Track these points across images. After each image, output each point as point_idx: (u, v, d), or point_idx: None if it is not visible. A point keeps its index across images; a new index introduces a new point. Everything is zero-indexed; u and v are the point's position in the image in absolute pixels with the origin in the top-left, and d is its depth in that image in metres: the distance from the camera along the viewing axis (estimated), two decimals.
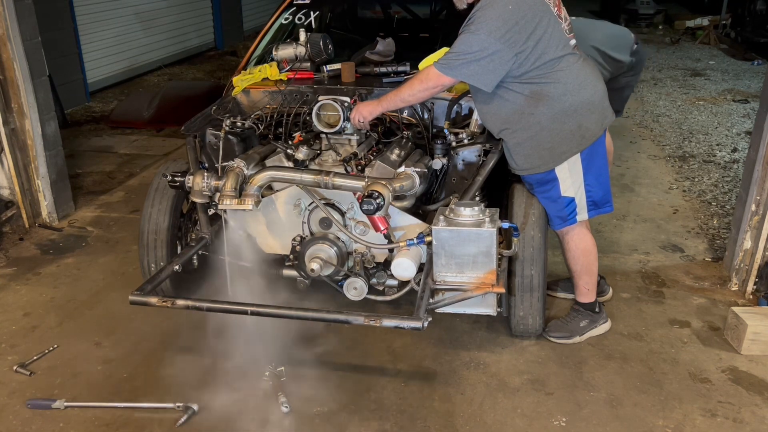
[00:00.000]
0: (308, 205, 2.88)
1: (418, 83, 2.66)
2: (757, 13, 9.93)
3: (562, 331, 2.96)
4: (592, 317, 2.98)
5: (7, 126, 3.91)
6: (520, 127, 2.67)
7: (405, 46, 3.78)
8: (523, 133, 2.68)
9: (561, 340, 2.94)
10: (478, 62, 2.53)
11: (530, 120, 2.65)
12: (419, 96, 2.69)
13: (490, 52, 2.51)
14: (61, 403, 2.57)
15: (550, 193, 2.76)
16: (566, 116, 2.63)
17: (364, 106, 2.82)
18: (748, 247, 3.34)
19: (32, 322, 3.17)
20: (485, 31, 2.50)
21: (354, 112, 2.83)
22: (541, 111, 2.63)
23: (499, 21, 2.50)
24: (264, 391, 2.66)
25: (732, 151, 5.52)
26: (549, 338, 2.94)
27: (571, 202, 2.76)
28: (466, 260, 2.45)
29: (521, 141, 2.70)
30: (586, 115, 2.66)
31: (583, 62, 2.73)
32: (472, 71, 2.55)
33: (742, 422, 2.49)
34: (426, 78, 2.63)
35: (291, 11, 4.16)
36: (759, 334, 2.84)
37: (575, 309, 3.02)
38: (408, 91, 2.69)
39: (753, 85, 7.78)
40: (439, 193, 3.09)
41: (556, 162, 2.70)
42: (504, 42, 2.50)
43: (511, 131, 2.70)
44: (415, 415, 2.54)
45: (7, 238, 3.97)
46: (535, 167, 2.73)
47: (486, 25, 2.51)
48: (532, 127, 2.65)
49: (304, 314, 2.72)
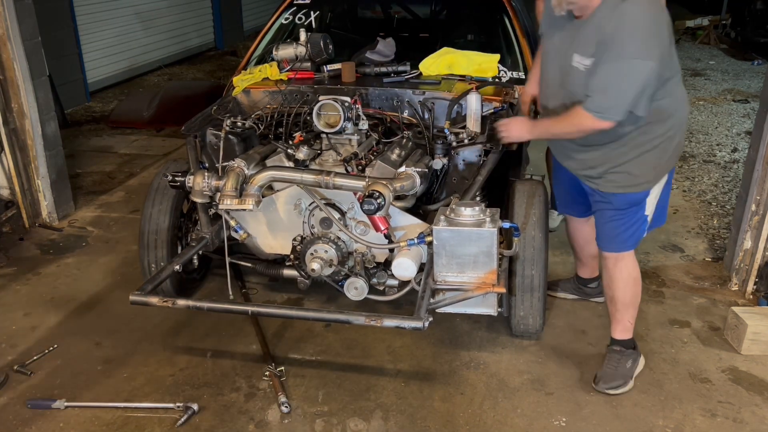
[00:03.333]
0: (309, 205, 2.88)
1: (572, 127, 2.42)
2: (757, 13, 9.92)
3: (616, 379, 2.64)
4: (634, 355, 2.73)
5: (7, 126, 3.91)
6: (634, 144, 2.44)
7: (405, 46, 3.78)
8: (634, 151, 2.45)
9: (620, 390, 2.63)
10: (636, 94, 2.26)
11: (644, 137, 2.43)
12: (571, 137, 2.51)
13: (647, 77, 2.23)
14: (61, 403, 2.57)
15: (637, 214, 2.57)
16: (675, 132, 2.47)
17: (515, 126, 2.68)
18: (748, 247, 3.34)
19: (32, 322, 3.17)
20: (641, 54, 2.20)
21: (504, 126, 2.71)
22: (655, 127, 2.42)
23: (649, 36, 2.21)
24: (264, 391, 2.66)
25: (732, 151, 5.52)
26: (606, 392, 2.62)
27: (645, 221, 2.61)
28: (467, 260, 2.45)
29: (630, 159, 2.46)
30: (683, 131, 2.56)
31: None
32: (632, 105, 2.29)
33: (742, 422, 2.50)
34: (580, 124, 2.37)
35: (291, 11, 4.16)
36: (759, 334, 2.84)
37: (617, 351, 2.71)
38: (561, 130, 2.50)
39: (753, 85, 7.78)
40: (440, 193, 3.09)
41: (657, 179, 2.53)
42: (658, 59, 2.23)
43: (619, 148, 2.46)
44: (415, 415, 2.54)
45: (7, 238, 3.96)
46: (636, 185, 2.51)
47: (636, 45, 2.19)
48: (645, 144, 2.44)
49: (305, 314, 2.72)
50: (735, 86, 7.74)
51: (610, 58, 2.23)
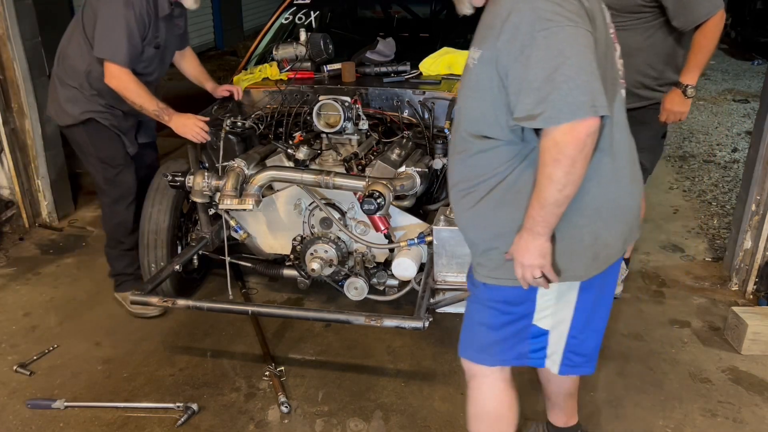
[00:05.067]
0: (309, 205, 2.88)
1: (559, 169, 1.48)
2: (758, 13, 9.92)
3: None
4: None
5: (7, 126, 3.91)
6: (515, 206, 1.64)
7: (405, 46, 3.78)
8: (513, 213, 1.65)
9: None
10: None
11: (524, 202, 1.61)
12: (571, 180, 1.50)
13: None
14: (61, 403, 2.56)
15: (512, 312, 1.77)
16: (582, 216, 1.63)
17: (526, 255, 1.61)
18: (749, 247, 3.34)
19: (32, 322, 3.16)
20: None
21: (521, 265, 1.63)
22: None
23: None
24: (264, 391, 2.66)
25: (732, 151, 5.52)
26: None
27: (543, 336, 1.80)
28: (467, 260, 2.45)
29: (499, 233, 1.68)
30: (609, 223, 1.67)
31: (624, 129, 1.71)
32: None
33: (743, 422, 2.49)
34: (559, 152, 1.46)
35: (291, 11, 4.16)
36: (759, 334, 2.84)
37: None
38: (553, 189, 1.51)
39: (753, 84, 7.78)
40: (440, 193, 3.09)
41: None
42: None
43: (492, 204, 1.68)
44: (415, 415, 2.53)
45: (7, 238, 3.97)
46: (506, 278, 1.70)
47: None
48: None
49: (305, 314, 2.72)
50: (735, 86, 7.74)
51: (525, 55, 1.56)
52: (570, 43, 1.44)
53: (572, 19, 1.46)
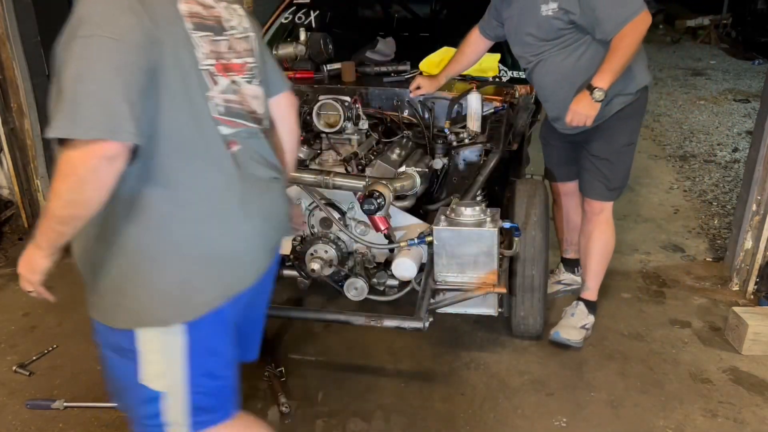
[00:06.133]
0: (309, 205, 2.88)
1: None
2: (758, 13, 9.93)
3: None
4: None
5: (7, 126, 3.90)
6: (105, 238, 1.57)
7: (405, 46, 3.77)
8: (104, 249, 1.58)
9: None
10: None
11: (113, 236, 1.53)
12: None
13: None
14: (60, 403, 2.56)
15: (124, 368, 1.57)
16: (125, 257, 1.51)
17: (21, 264, 1.73)
18: (749, 247, 3.33)
19: (32, 322, 3.16)
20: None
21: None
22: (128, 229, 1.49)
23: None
24: (264, 391, 2.65)
25: (733, 151, 5.51)
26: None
27: (156, 400, 1.56)
28: (468, 260, 2.44)
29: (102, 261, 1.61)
30: (197, 269, 1.49)
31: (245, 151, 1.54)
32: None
33: (743, 423, 2.49)
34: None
35: (291, 11, 4.16)
36: (760, 334, 2.83)
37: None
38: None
39: (754, 84, 7.78)
40: (440, 193, 3.09)
41: (137, 318, 1.53)
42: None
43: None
44: (415, 415, 2.53)
45: (7, 238, 3.96)
46: (106, 316, 1.61)
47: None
48: (116, 245, 1.54)
49: (305, 314, 2.72)
50: (736, 86, 7.74)
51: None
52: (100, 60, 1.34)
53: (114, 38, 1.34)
